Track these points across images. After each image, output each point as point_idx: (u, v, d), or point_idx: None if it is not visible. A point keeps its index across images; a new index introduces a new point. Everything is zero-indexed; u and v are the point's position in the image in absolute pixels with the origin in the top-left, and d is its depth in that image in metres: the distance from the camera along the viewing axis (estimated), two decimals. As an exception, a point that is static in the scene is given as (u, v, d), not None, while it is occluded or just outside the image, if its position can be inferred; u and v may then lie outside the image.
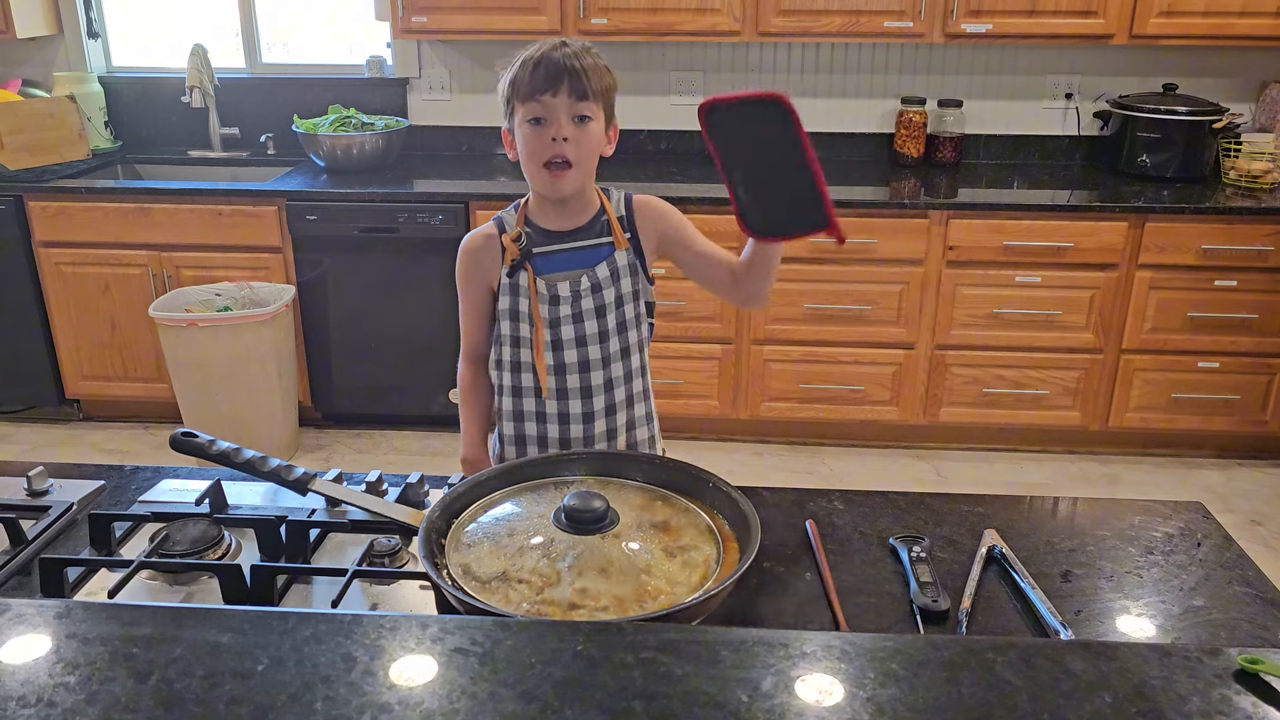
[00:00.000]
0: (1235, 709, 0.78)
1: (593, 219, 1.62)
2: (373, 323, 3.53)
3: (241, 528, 1.35)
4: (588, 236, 1.62)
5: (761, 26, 3.38)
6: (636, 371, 1.69)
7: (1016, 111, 3.77)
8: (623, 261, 1.61)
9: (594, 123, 1.53)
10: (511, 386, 1.69)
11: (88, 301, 3.55)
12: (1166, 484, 3.39)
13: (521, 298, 1.62)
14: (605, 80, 1.54)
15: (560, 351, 1.62)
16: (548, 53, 1.50)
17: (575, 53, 1.51)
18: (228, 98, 3.93)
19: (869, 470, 3.47)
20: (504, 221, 1.65)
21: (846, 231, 1.26)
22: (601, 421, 1.66)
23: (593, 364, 1.63)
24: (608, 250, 1.62)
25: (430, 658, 0.83)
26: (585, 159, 1.54)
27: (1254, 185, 3.37)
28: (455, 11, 3.44)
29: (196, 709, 0.77)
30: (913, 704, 0.78)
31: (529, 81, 1.50)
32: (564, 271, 1.61)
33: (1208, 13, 3.27)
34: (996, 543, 1.32)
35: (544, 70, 1.49)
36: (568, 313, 1.60)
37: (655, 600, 1.06)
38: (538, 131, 1.52)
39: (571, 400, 1.64)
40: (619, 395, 1.67)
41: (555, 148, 1.51)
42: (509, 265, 1.61)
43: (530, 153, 1.54)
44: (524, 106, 1.52)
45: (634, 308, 1.65)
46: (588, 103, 1.51)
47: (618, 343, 1.64)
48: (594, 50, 1.55)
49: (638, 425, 1.72)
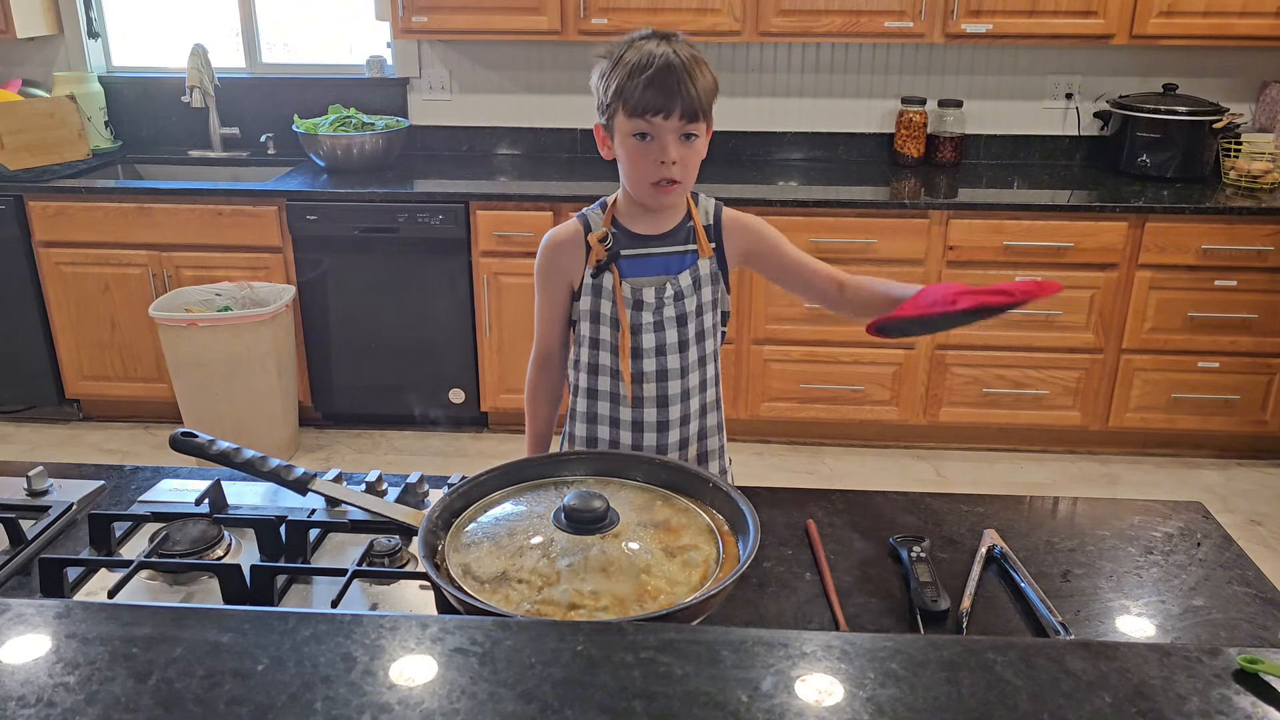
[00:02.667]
0: (1235, 709, 0.78)
1: (679, 225, 1.60)
2: (373, 323, 3.53)
3: (241, 528, 1.34)
4: (674, 242, 1.59)
5: (761, 26, 3.38)
6: (710, 380, 1.66)
7: (1016, 111, 3.77)
8: (705, 270, 1.59)
9: (700, 138, 1.50)
10: (587, 388, 1.65)
11: (88, 301, 3.55)
12: (1166, 484, 3.39)
13: (604, 300, 1.59)
14: (711, 90, 1.49)
15: (640, 359, 1.59)
16: (660, 68, 1.44)
17: (686, 66, 1.45)
18: (228, 98, 3.93)
19: (869, 470, 3.47)
20: (589, 220, 1.62)
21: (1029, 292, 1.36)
22: (675, 431, 1.63)
23: (670, 373, 1.60)
24: (692, 258, 1.59)
25: (430, 658, 0.83)
26: (691, 175, 1.52)
27: (1254, 185, 3.37)
28: (455, 11, 3.44)
29: (196, 709, 0.77)
30: (913, 704, 0.78)
31: (639, 97, 1.45)
32: (649, 276, 1.58)
33: (1208, 13, 3.27)
34: (996, 543, 1.32)
35: (656, 89, 1.44)
36: (650, 319, 1.57)
37: (655, 600, 1.05)
38: (644, 149, 1.48)
39: (647, 409, 1.62)
40: (694, 405, 1.64)
41: (664, 170, 1.48)
42: (594, 265, 1.58)
43: (635, 169, 1.51)
44: (630, 120, 1.47)
45: (712, 316, 1.62)
46: (697, 122, 1.48)
47: (695, 352, 1.61)
48: (698, 52, 1.49)
49: (709, 435, 1.69)
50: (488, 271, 3.40)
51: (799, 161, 3.84)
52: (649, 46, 1.47)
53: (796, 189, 3.43)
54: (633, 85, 1.45)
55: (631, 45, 1.49)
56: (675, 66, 1.45)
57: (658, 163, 1.48)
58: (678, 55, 1.46)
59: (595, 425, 1.66)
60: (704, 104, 1.47)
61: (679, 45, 1.48)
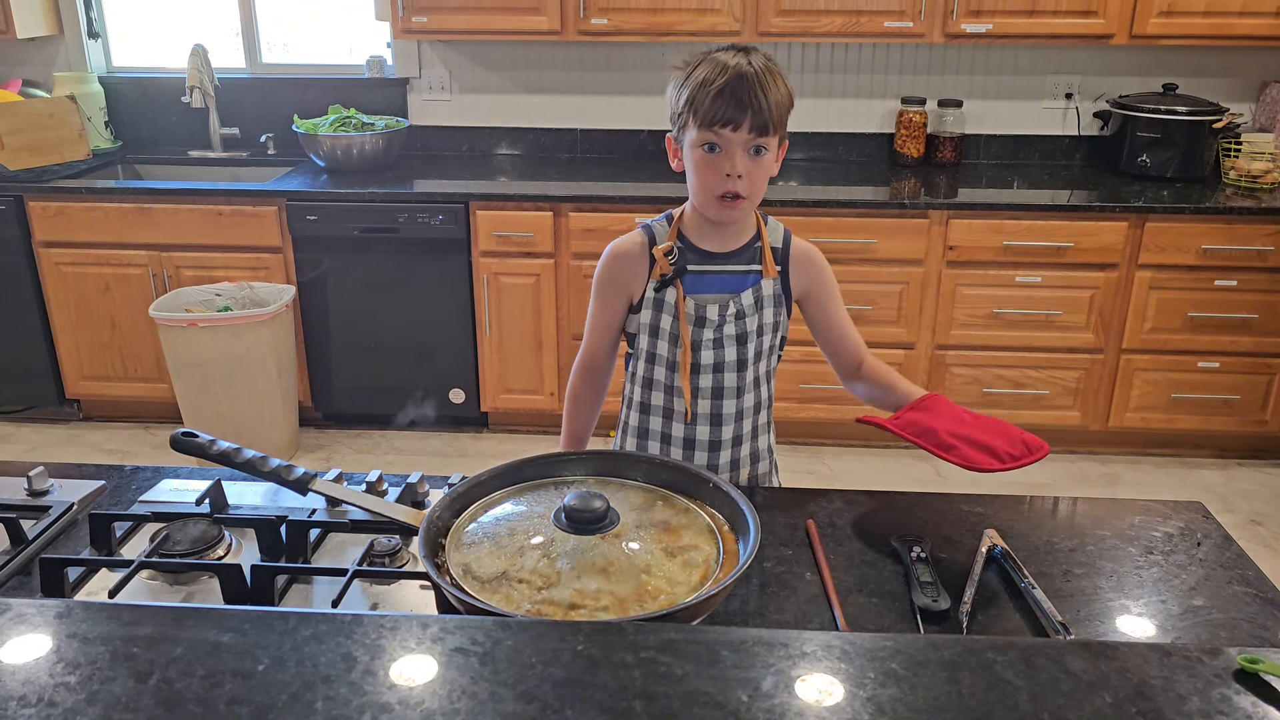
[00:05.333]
0: (1235, 708, 0.78)
1: (747, 244, 1.58)
2: (373, 323, 3.53)
3: (241, 528, 1.35)
4: (740, 261, 1.57)
5: (761, 26, 3.38)
6: (765, 403, 1.65)
7: (1016, 111, 3.77)
8: (768, 291, 1.57)
9: (769, 153, 1.48)
10: (641, 402, 1.64)
11: (88, 301, 3.55)
12: (1166, 484, 3.39)
13: (665, 314, 1.57)
14: (785, 104, 1.46)
15: (696, 375, 1.58)
16: (732, 78, 1.42)
17: (759, 76, 1.43)
18: (228, 98, 3.93)
19: (869, 470, 3.47)
20: (654, 232, 1.59)
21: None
22: (728, 451, 1.62)
23: (726, 392, 1.59)
24: (755, 277, 1.57)
25: (430, 658, 0.83)
26: (758, 191, 1.50)
27: (1254, 185, 3.37)
28: (455, 11, 3.44)
29: (197, 709, 0.77)
30: (913, 704, 0.78)
31: (709, 108, 1.43)
32: (713, 294, 1.56)
33: (1208, 13, 3.27)
34: (997, 543, 1.32)
35: (727, 100, 1.42)
36: (711, 336, 1.56)
37: (655, 600, 1.06)
38: (711, 161, 1.46)
39: (700, 426, 1.60)
40: (746, 426, 1.63)
41: (729, 183, 1.46)
42: (658, 279, 1.56)
43: (702, 181, 1.49)
44: (699, 131, 1.46)
45: (771, 338, 1.60)
46: (768, 136, 1.45)
47: (752, 372, 1.60)
48: (774, 65, 1.47)
49: (760, 458, 1.67)
50: (488, 271, 3.40)
51: (799, 161, 3.84)
52: (724, 58, 1.45)
53: (796, 189, 3.43)
54: (703, 95, 1.44)
55: (707, 56, 1.47)
56: (748, 77, 1.42)
57: (724, 175, 1.46)
58: (752, 66, 1.43)
59: (647, 441, 1.64)
60: (775, 117, 1.44)
61: (755, 57, 1.45)
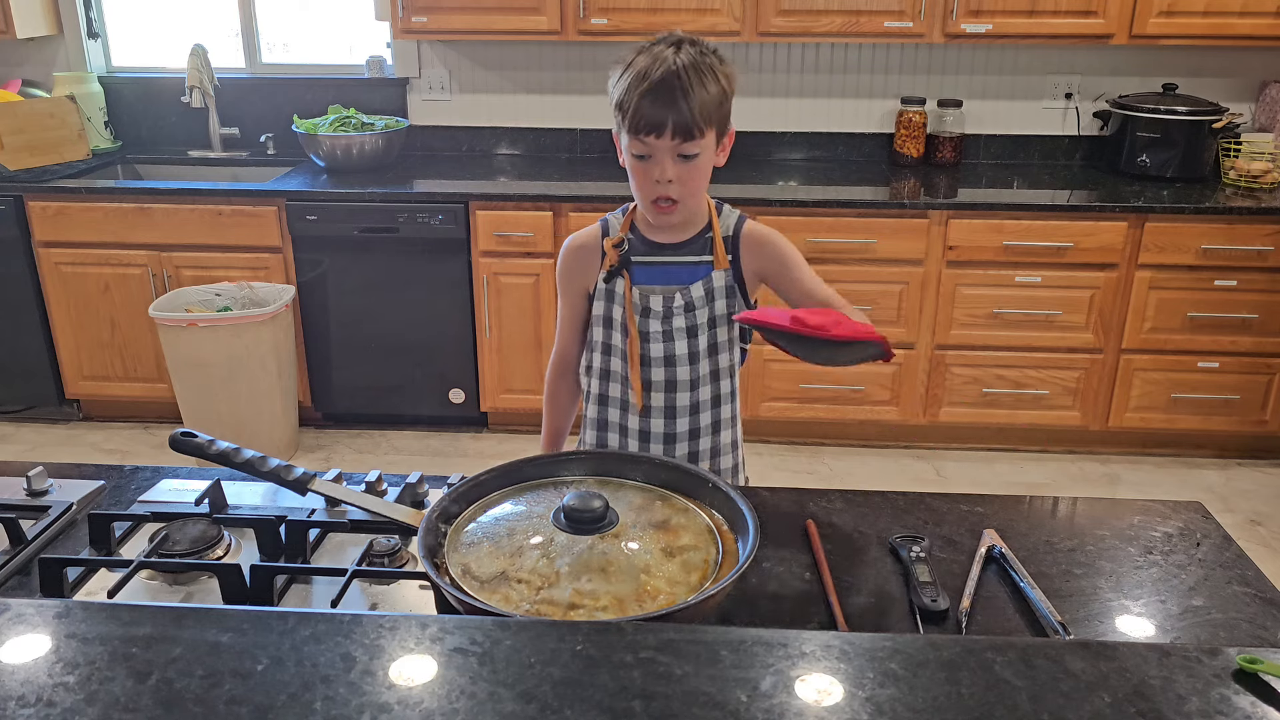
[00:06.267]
0: (1234, 709, 0.78)
1: (697, 235, 1.57)
2: (373, 323, 3.53)
3: (241, 528, 1.35)
4: (689, 252, 1.57)
5: (761, 27, 3.38)
6: (726, 397, 1.64)
7: (1016, 111, 3.77)
8: (720, 283, 1.56)
9: (703, 154, 1.46)
10: (598, 394, 1.65)
11: (88, 301, 3.55)
12: (1166, 484, 3.39)
13: (616, 305, 1.58)
14: (714, 101, 1.43)
15: (648, 368, 1.58)
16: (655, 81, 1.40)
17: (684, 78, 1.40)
18: (228, 98, 3.93)
19: (869, 470, 3.47)
20: (609, 225, 1.61)
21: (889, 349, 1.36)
22: (684, 444, 1.62)
23: (680, 385, 1.58)
24: (706, 269, 1.56)
25: (430, 658, 0.83)
26: (691, 194, 1.50)
27: (1254, 185, 3.37)
28: (455, 11, 3.44)
29: (196, 709, 0.77)
30: (912, 704, 0.78)
31: (633, 116, 1.42)
32: (660, 285, 1.56)
33: (1208, 13, 3.27)
34: (996, 543, 1.32)
35: (649, 105, 1.40)
36: (658, 328, 1.56)
37: (655, 600, 1.05)
38: (643, 168, 1.47)
39: (655, 419, 1.61)
40: (704, 420, 1.62)
41: (660, 189, 1.47)
42: (606, 271, 1.57)
43: (637, 185, 1.50)
44: (629, 138, 1.46)
45: (728, 331, 1.59)
46: (694, 141, 1.43)
47: (707, 365, 1.59)
48: (707, 59, 1.44)
49: (722, 453, 1.67)
50: (488, 271, 3.40)
51: (799, 161, 3.84)
52: (656, 54, 1.43)
53: (796, 189, 3.43)
54: (629, 100, 1.43)
55: (641, 52, 1.45)
56: (670, 83, 1.40)
57: (654, 180, 1.47)
58: (680, 66, 1.41)
59: (606, 433, 1.65)
60: (700, 119, 1.42)
61: (684, 54, 1.42)
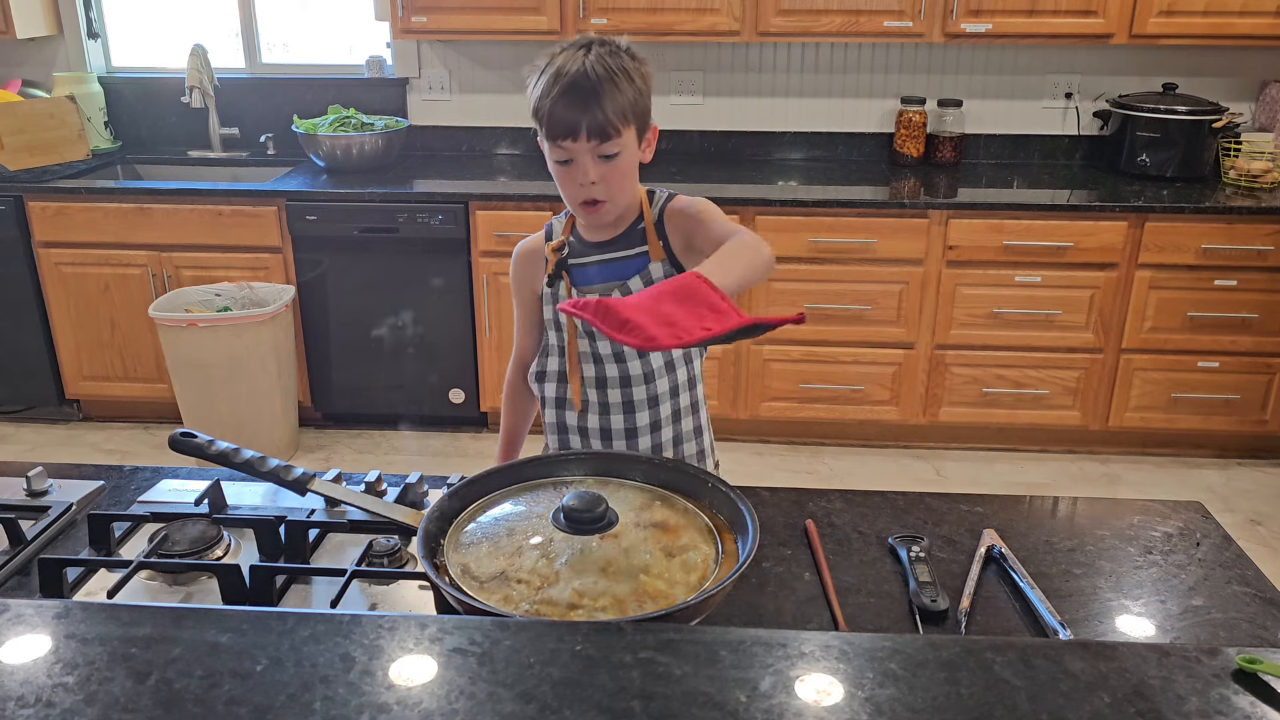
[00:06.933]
0: (1234, 709, 0.78)
1: (629, 228, 1.56)
2: (373, 323, 3.53)
3: (240, 528, 1.35)
4: (624, 247, 1.55)
5: (761, 26, 3.38)
6: (684, 385, 1.63)
7: (1016, 111, 3.77)
8: (659, 274, 1.53)
9: (623, 152, 1.45)
10: (555, 399, 1.64)
11: (88, 301, 3.55)
12: (1166, 484, 3.38)
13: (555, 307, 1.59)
14: (630, 100, 1.42)
15: (601, 365, 1.58)
16: (565, 86, 1.39)
17: (595, 81, 1.39)
18: (228, 98, 3.93)
19: (869, 470, 3.47)
20: (552, 229, 1.61)
21: (788, 316, 1.13)
22: (647, 438, 1.61)
23: (633, 379, 1.57)
24: (643, 261, 1.54)
25: (429, 658, 0.83)
26: (617, 191, 1.48)
27: (1254, 185, 3.37)
28: (455, 11, 3.44)
29: (196, 709, 0.77)
30: (911, 704, 0.78)
31: (548, 120, 1.42)
32: (599, 283, 1.55)
33: (1208, 12, 3.27)
34: (996, 542, 1.32)
35: (563, 110, 1.40)
36: None
37: (654, 600, 1.05)
38: (565, 172, 1.46)
39: (614, 415, 1.59)
40: (664, 411, 1.61)
41: (584, 192, 1.46)
42: (548, 275, 1.57)
43: (562, 189, 1.49)
44: (548, 144, 1.45)
45: None
46: (611, 141, 1.42)
47: (662, 357, 1.58)
48: (619, 60, 1.43)
49: (685, 440, 1.66)
50: (487, 271, 3.40)
51: (798, 161, 3.84)
52: (566, 58, 1.42)
53: (796, 189, 3.43)
54: (543, 107, 1.42)
55: (552, 57, 1.44)
56: (582, 85, 1.39)
57: (577, 184, 1.46)
58: (589, 68, 1.39)
59: (566, 435, 1.64)
60: (614, 120, 1.41)
61: (593, 56, 1.41)
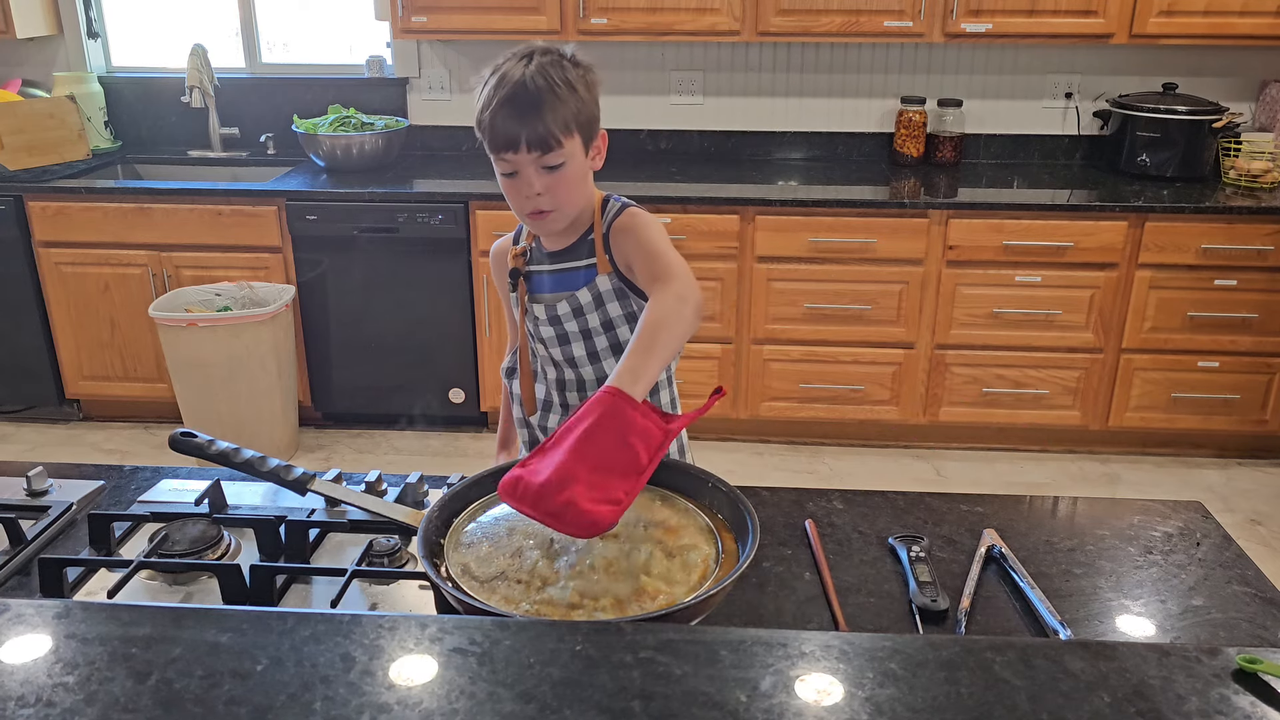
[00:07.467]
0: (1234, 709, 0.78)
1: (580, 238, 1.54)
2: (373, 323, 3.53)
3: (241, 528, 1.35)
4: (574, 257, 1.54)
5: (761, 26, 3.38)
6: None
7: (1016, 111, 3.77)
8: (605, 286, 1.51)
9: (568, 162, 1.43)
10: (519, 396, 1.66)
11: (88, 301, 3.55)
12: (1166, 484, 3.38)
13: (517, 310, 1.61)
14: (572, 105, 1.40)
15: (561, 369, 1.59)
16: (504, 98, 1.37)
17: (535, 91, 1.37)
18: (228, 98, 3.93)
19: (869, 470, 3.47)
20: (521, 231, 1.62)
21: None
22: None
23: (588, 384, 1.57)
24: (590, 274, 1.52)
25: (429, 658, 0.83)
26: (565, 200, 1.46)
27: (1254, 185, 3.37)
28: (455, 11, 3.44)
29: (196, 709, 0.77)
30: (911, 704, 0.78)
31: (489, 133, 1.41)
32: (549, 292, 1.55)
33: (1208, 12, 3.27)
34: (996, 542, 1.32)
35: (503, 122, 1.38)
36: (553, 333, 1.55)
37: (654, 600, 1.05)
38: (512, 183, 1.44)
39: None
40: None
41: (531, 202, 1.44)
42: (509, 279, 1.59)
43: (509, 200, 1.47)
44: (493, 156, 1.44)
45: (630, 329, 1.54)
46: (554, 152, 1.40)
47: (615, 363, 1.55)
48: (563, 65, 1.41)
49: None
50: (488, 271, 3.40)
51: (798, 161, 3.84)
52: (507, 69, 1.40)
53: (796, 189, 3.43)
54: (484, 118, 1.41)
55: (496, 68, 1.43)
56: (521, 96, 1.37)
57: (524, 196, 1.45)
58: (529, 79, 1.38)
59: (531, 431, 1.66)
60: (555, 131, 1.39)
61: (534, 66, 1.39)
